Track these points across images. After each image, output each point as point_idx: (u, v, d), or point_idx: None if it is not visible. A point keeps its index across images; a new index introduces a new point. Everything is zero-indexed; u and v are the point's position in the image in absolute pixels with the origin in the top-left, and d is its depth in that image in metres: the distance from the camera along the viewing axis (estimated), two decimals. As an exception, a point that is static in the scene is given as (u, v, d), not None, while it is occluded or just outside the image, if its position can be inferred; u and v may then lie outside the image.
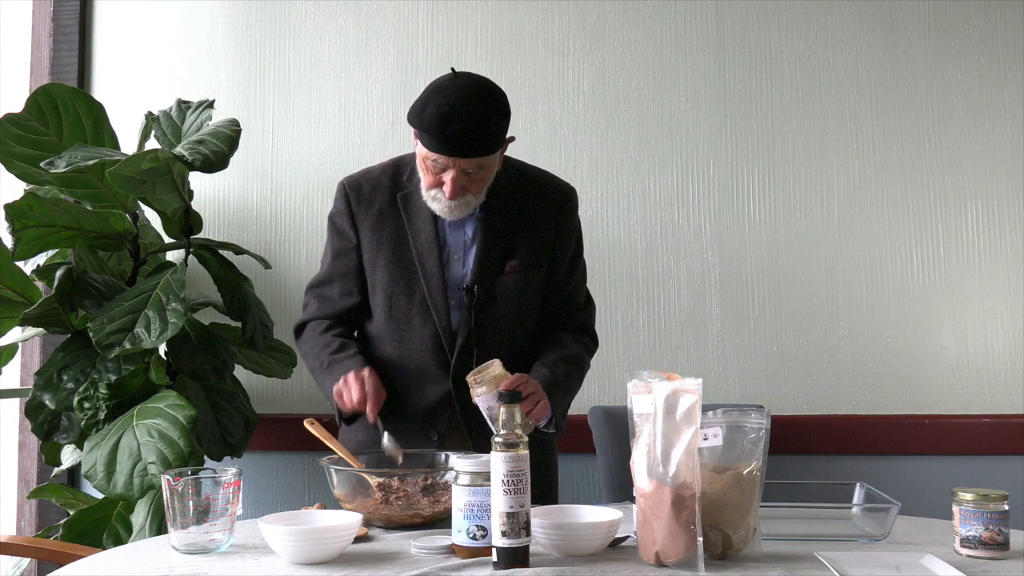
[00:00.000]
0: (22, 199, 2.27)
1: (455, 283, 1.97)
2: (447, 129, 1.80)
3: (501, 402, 1.42)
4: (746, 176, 2.83)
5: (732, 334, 2.79)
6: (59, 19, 2.97)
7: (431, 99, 1.83)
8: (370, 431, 1.97)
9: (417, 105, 1.85)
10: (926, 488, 2.58)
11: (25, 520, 2.88)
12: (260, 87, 2.94)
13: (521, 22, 2.89)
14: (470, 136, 1.82)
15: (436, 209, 1.92)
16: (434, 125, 1.81)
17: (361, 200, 2.02)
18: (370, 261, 2.01)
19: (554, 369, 1.95)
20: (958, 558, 1.46)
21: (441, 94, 1.83)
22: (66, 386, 2.28)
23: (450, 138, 1.81)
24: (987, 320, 2.74)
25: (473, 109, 1.81)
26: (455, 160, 1.84)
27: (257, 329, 2.50)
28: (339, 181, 2.07)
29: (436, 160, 1.85)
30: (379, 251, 2.00)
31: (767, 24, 2.85)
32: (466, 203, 1.90)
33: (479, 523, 1.43)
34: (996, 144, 2.78)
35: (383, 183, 2.03)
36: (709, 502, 1.40)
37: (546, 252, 2.02)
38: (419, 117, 1.84)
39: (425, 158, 1.87)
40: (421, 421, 1.99)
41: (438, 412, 1.98)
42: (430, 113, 1.81)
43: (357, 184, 2.04)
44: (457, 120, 1.80)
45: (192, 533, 1.49)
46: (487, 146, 1.85)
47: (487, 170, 1.90)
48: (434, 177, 1.88)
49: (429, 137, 1.83)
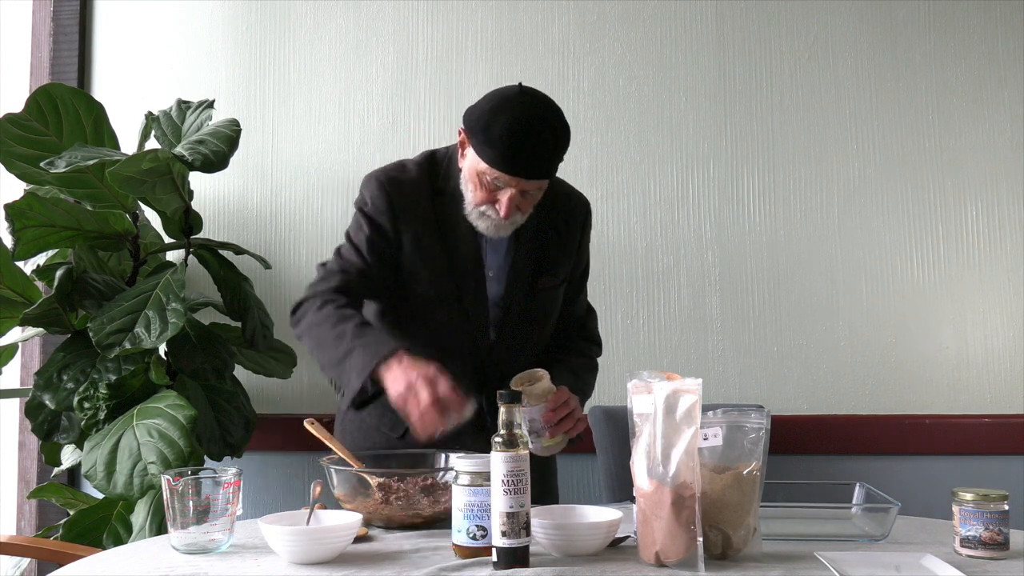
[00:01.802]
0: (22, 199, 2.27)
1: (493, 300, 1.92)
2: (520, 149, 1.70)
3: (501, 402, 1.42)
4: (746, 176, 2.83)
5: (732, 334, 2.79)
6: (59, 19, 2.97)
7: (500, 112, 1.72)
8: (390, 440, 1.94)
9: (482, 116, 1.74)
10: (926, 488, 2.57)
11: (25, 520, 2.88)
12: (260, 87, 2.94)
13: (521, 22, 2.89)
14: (543, 157, 1.73)
15: (481, 227, 1.83)
16: (505, 141, 1.70)
17: (405, 203, 1.88)
18: (408, 269, 1.89)
19: (577, 378, 1.94)
20: (958, 558, 1.45)
21: (512, 108, 1.72)
22: (66, 386, 2.28)
23: (521, 157, 1.71)
24: (987, 320, 2.74)
25: (547, 131, 1.72)
26: (519, 181, 1.74)
27: (257, 329, 2.50)
28: (372, 175, 1.92)
29: (497, 178, 1.75)
30: (420, 262, 1.88)
31: (767, 24, 2.85)
32: (513, 222, 1.82)
33: (479, 523, 1.43)
34: (996, 144, 2.78)
35: (422, 185, 1.90)
36: (709, 502, 1.40)
37: (570, 265, 2.00)
38: (485, 130, 1.72)
39: (482, 173, 1.76)
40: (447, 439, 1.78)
41: (466, 431, 1.75)
42: (501, 128, 1.70)
43: (397, 183, 1.89)
44: (532, 141, 1.70)
45: (192, 533, 1.49)
46: (555, 168, 1.78)
47: (541, 191, 1.82)
48: (488, 194, 1.78)
49: (495, 153, 1.72)
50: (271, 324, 2.59)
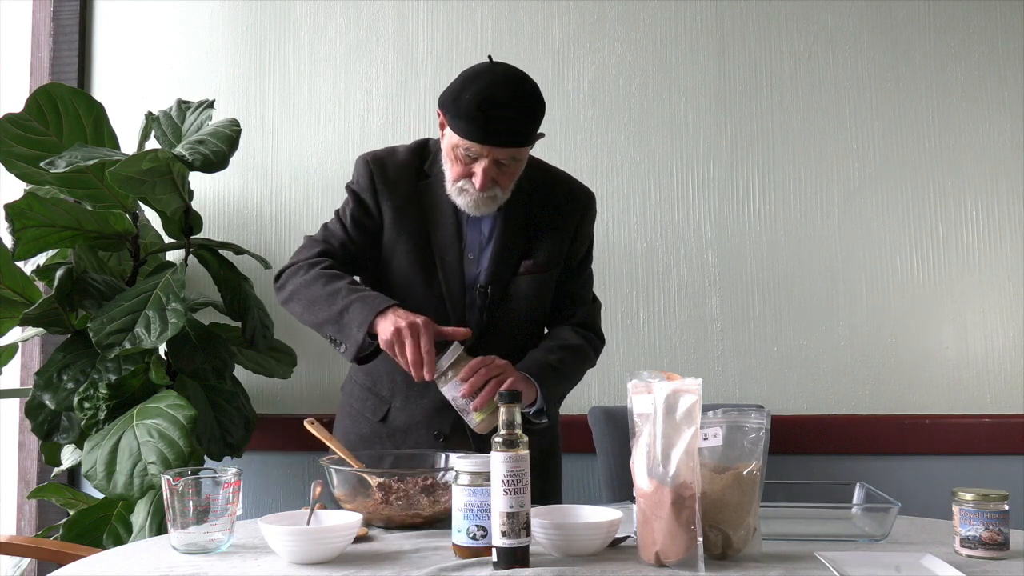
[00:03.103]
0: (22, 199, 2.27)
1: (471, 281, 1.93)
2: (487, 115, 1.72)
3: (501, 402, 1.42)
4: (746, 176, 2.83)
5: (732, 334, 2.79)
6: (59, 19, 2.97)
7: (469, 84, 1.76)
8: (372, 425, 1.97)
9: (452, 90, 1.78)
10: (926, 488, 2.57)
11: (25, 520, 2.88)
12: (260, 87, 2.94)
13: (521, 22, 2.89)
14: (510, 124, 1.75)
15: (461, 203, 1.86)
16: (472, 110, 1.73)
17: (387, 181, 1.94)
18: (388, 245, 1.94)
19: (548, 354, 1.90)
20: (958, 558, 1.45)
21: (480, 79, 1.76)
22: (66, 386, 2.28)
23: (489, 125, 1.73)
24: (987, 320, 2.74)
25: (515, 97, 1.75)
26: (490, 149, 1.77)
27: (257, 329, 2.50)
28: (361, 156, 1.98)
29: (469, 149, 1.78)
30: (398, 239, 1.93)
31: (767, 24, 2.85)
32: (493, 197, 1.84)
33: (479, 523, 1.43)
34: (996, 144, 2.78)
35: (408, 167, 1.95)
36: (709, 502, 1.40)
37: (562, 254, 1.98)
38: (455, 102, 1.76)
39: (456, 147, 1.80)
40: (424, 420, 1.95)
41: (443, 412, 1.91)
42: (468, 98, 1.74)
43: (382, 163, 1.95)
44: (499, 106, 1.73)
45: (192, 533, 1.49)
46: (525, 137, 1.79)
47: (519, 163, 1.84)
48: (464, 167, 1.81)
49: (465, 124, 1.75)
50: (271, 324, 2.59)
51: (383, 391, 1.99)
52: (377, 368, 1.97)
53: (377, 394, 1.99)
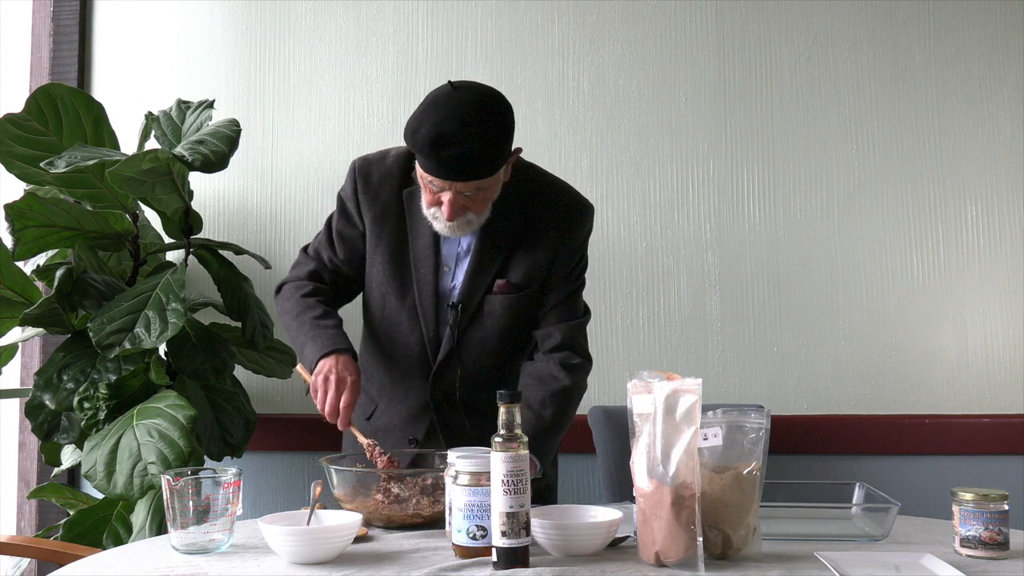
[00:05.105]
0: (22, 199, 2.27)
1: (444, 295, 1.92)
2: (441, 152, 1.69)
3: (501, 402, 1.42)
4: (746, 176, 2.83)
5: (732, 334, 2.79)
6: (59, 19, 2.97)
7: (426, 118, 1.72)
8: (360, 422, 1.99)
9: (412, 122, 1.75)
10: (926, 488, 2.58)
11: (25, 520, 2.88)
12: (260, 87, 2.94)
13: (521, 22, 2.89)
14: (465, 160, 1.70)
15: (436, 227, 1.84)
16: (427, 148, 1.70)
17: (368, 189, 1.94)
18: (370, 253, 1.97)
19: (542, 409, 1.87)
20: (958, 558, 1.46)
21: (437, 112, 1.72)
22: (66, 386, 2.28)
23: (444, 162, 1.70)
24: (987, 320, 2.74)
25: (469, 132, 1.69)
26: (451, 183, 1.74)
27: (257, 329, 2.50)
28: (354, 160, 2.00)
29: (432, 182, 1.76)
30: (378, 246, 1.94)
31: (767, 24, 2.85)
32: (467, 222, 1.81)
33: (479, 523, 1.43)
34: (996, 144, 2.78)
35: (394, 173, 1.94)
36: (709, 502, 1.40)
37: (541, 272, 1.92)
38: (413, 136, 1.74)
39: (423, 176, 1.78)
40: (402, 424, 1.99)
41: (418, 419, 1.97)
42: (423, 134, 1.70)
43: (367, 170, 1.95)
44: (452, 143, 1.68)
45: (192, 533, 1.49)
46: (485, 169, 1.74)
47: (488, 191, 1.80)
48: (432, 196, 1.80)
49: (423, 159, 1.74)
50: (271, 324, 2.59)
51: (372, 390, 2.04)
52: (368, 368, 2.02)
53: (367, 392, 2.04)
